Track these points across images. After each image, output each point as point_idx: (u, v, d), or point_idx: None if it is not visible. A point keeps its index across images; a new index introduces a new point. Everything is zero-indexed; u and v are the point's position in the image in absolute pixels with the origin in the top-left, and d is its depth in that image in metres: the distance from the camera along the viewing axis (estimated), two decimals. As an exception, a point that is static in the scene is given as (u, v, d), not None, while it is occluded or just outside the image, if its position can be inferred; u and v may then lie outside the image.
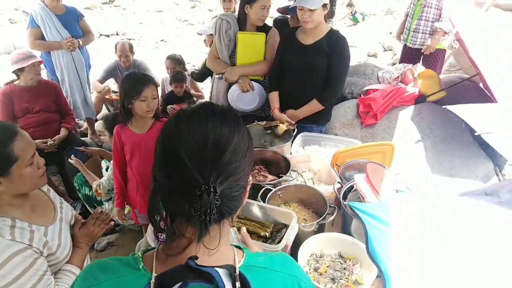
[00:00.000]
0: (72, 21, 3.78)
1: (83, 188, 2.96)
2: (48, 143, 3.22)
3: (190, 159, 0.69)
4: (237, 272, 0.73)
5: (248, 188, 0.81)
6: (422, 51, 3.96)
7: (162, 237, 1.36)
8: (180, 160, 0.70)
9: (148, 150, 2.15)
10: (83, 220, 1.61)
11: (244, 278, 0.72)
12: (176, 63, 4.49)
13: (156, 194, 0.74)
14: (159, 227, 0.75)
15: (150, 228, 1.64)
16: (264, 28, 2.81)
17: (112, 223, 1.69)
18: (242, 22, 2.81)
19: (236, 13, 2.97)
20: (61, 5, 3.73)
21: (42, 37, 3.67)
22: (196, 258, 0.72)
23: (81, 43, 3.80)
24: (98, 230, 1.59)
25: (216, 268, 0.72)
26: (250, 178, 0.82)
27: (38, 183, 1.38)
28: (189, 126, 0.73)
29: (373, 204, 1.40)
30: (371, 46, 8.52)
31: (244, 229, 1.17)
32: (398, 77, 3.27)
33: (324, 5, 2.35)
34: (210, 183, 0.68)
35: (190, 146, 0.70)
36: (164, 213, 0.75)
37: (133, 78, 2.12)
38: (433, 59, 4.02)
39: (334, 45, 2.44)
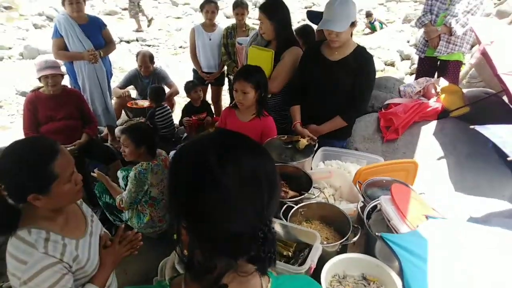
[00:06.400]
0: (94, 30, 3.84)
1: (104, 196, 2.99)
2: (68, 149, 3.27)
3: (245, 210, 0.68)
4: None
5: None
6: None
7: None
8: (234, 213, 0.68)
9: None
10: (110, 236, 1.62)
11: None
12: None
13: (194, 243, 0.72)
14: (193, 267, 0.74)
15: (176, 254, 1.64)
16: (285, 46, 2.78)
17: (141, 243, 1.68)
18: None
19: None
20: (84, 15, 3.78)
21: (66, 47, 3.74)
22: (226, 286, 0.71)
23: (102, 54, 3.85)
24: (124, 251, 1.59)
25: None
26: None
27: (74, 198, 1.42)
28: (239, 171, 0.68)
29: (406, 235, 1.37)
30: (389, 54, 8.44)
31: None
32: (420, 91, 3.22)
33: (352, 23, 2.33)
34: (268, 222, 0.69)
35: (243, 197, 0.68)
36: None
37: (239, 70, 2.62)
38: (449, 70, 3.91)
39: (361, 63, 2.42)
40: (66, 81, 3.57)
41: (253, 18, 8.82)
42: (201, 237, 0.71)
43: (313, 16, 3.53)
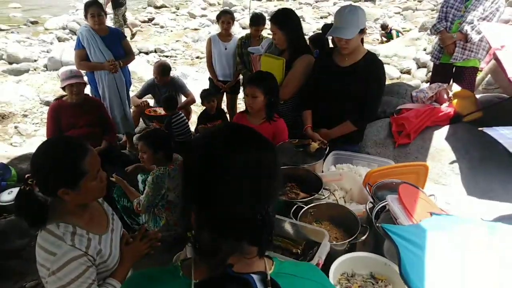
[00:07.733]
0: (115, 41, 4.02)
1: (122, 199, 3.09)
2: None
3: (246, 195, 0.74)
4: (269, 278, 0.77)
5: None
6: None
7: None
8: (236, 196, 0.74)
9: None
10: (129, 235, 1.71)
11: (275, 284, 0.77)
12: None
13: (202, 227, 0.77)
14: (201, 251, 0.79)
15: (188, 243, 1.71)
16: (297, 54, 2.86)
17: (159, 244, 1.74)
18: None
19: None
20: (105, 27, 3.98)
21: (88, 58, 3.92)
22: (232, 266, 0.76)
23: (121, 64, 4.02)
24: (144, 248, 1.66)
25: (252, 275, 0.77)
26: None
27: (99, 195, 1.51)
28: (242, 157, 0.75)
29: (407, 227, 1.40)
30: (405, 62, 8.41)
31: None
32: (432, 96, 3.24)
33: (361, 30, 2.39)
34: (267, 207, 0.74)
35: (245, 182, 0.74)
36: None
37: (250, 76, 2.67)
38: (465, 76, 3.89)
39: (371, 69, 2.47)
40: (87, 90, 3.73)
41: (268, 28, 8.94)
42: (207, 220, 0.77)
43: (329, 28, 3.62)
